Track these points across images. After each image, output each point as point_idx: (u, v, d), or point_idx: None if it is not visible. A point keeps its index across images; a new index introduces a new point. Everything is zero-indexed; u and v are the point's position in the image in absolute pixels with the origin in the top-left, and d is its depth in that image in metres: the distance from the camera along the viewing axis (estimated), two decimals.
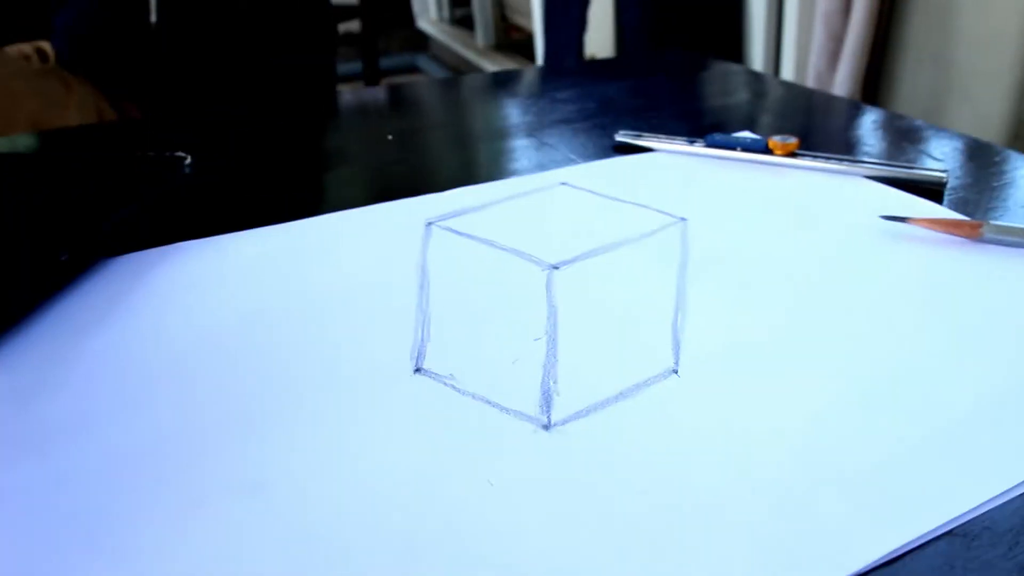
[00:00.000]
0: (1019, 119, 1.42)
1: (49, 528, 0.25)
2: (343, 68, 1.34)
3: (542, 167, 0.54)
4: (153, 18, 0.99)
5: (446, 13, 3.74)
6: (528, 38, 3.09)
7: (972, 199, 0.49)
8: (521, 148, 0.58)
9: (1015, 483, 0.27)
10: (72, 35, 1.05)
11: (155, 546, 0.25)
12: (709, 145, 0.54)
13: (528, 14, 2.93)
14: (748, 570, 0.24)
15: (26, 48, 1.13)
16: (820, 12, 1.61)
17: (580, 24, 2.13)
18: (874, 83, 1.60)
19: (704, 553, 0.24)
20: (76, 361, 0.34)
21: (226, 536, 0.25)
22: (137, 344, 0.35)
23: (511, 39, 3.35)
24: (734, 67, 0.80)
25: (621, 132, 0.57)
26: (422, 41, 3.73)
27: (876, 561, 0.24)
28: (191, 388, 0.32)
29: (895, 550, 0.24)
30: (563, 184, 0.50)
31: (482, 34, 3.37)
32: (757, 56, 1.79)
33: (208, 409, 0.31)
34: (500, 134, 0.62)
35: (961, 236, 0.43)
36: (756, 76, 0.79)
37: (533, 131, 0.61)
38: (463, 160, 0.58)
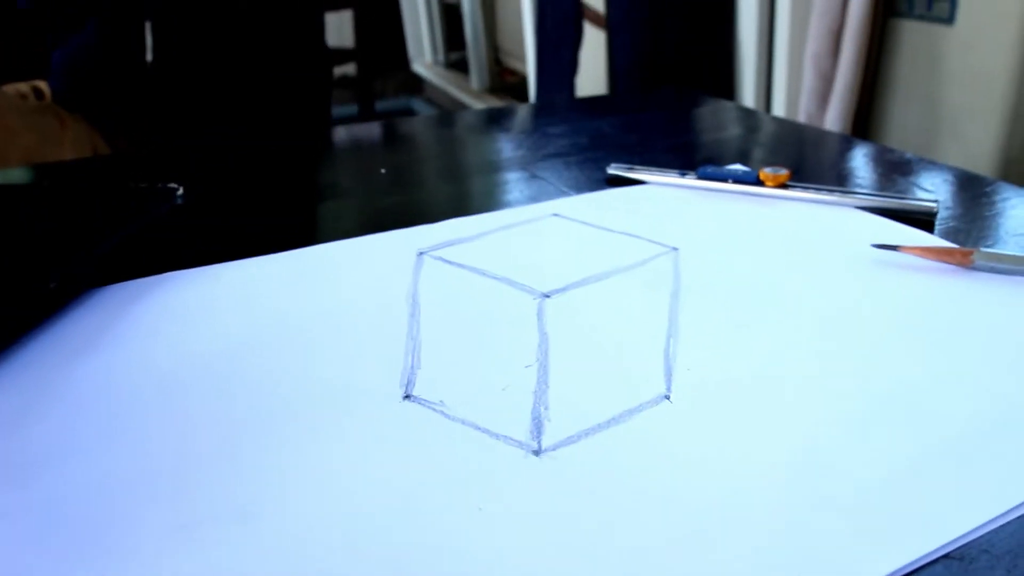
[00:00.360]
0: (1008, 157, 1.43)
1: (32, 556, 0.25)
2: (338, 111, 1.35)
3: (534, 199, 0.54)
4: (149, 57, 1.00)
5: (441, 56, 3.78)
6: (522, 81, 3.13)
7: (963, 229, 0.49)
8: (513, 181, 0.58)
9: (1012, 505, 0.26)
10: (69, 73, 1.06)
11: (141, 574, 0.24)
12: (700, 177, 0.54)
13: (522, 57, 2.97)
14: None
15: (23, 87, 1.13)
16: (809, 54, 1.63)
17: (571, 66, 2.15)
18: (864, 123, 1.62)
19: None
20: (63, 388, 0.33)
21: (215, 564, 0.24)
22: (125, 371, 0.35)
23: (505, 82, 3.38)
24: (726, 103, 0.81)
25: (613, 165, 0.57)
26: (417, 84, 3.77)
27: None
28: (179, 415, 0.32)
29: (892, 573, 0.24)
30: (555, 215, 0.50)
31: (476, 77, 3.41)
32: (748, 97, 1.81)
33: (196, 436, 0.30)
34: (492, 167, 0.62)
35: (952, 264, 0.43)
36: (748, 112, 0.80)
37: (525, 165, 0.61)
38: (455, 192, 0.58)
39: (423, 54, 3.84)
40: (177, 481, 0.28)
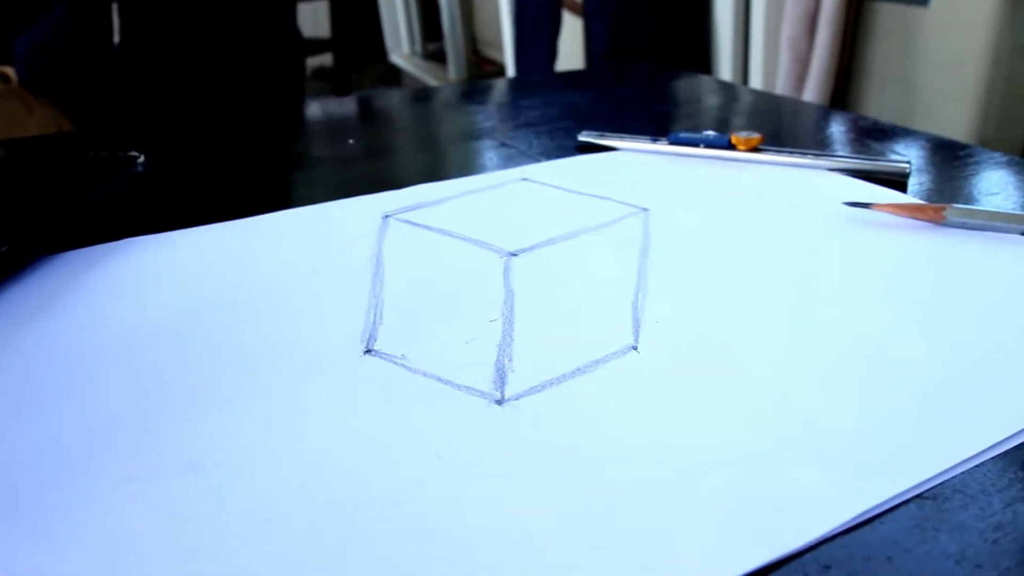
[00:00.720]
0: (982, 139, 1.44)
1: None
2: None
3: (503, 166, 0.53)
4: (116, 39, 0.98)
5: (418, 47, 3.77)
6: (500, 70, 3.11)
7: (936, 190, 0.49)
8: (483, 149, 0.57)
9: (982, 447, 0.26)
10: (35, 58, 1.03)
11: (91, 525, 0.23)
12: (672, 142, 0.54)
13: (499, 47, 2.96)
14: (715, 540, 0.22)
15: None
16: (785, 37, 1.63)
17: (550, 54, 2.14)
18: (840, 105, 1.62)
19: (667, 525, 0.23)
20: (16, 349, 0.32)
21: (167, 514, 0.23)
22: (81, 333, 0.33)
23: (483, 72, 3.37)
24: (702, 77, 0.80)
25: (584, 132, 0.56)
26: (394, 75, 3.75)
27: (845, 524, 0.23)
28: (137, 374, 0.30)
29: (864, 512, 0.23)
30: (524, 179, 0.50)
31: (454, 68, 3.39)
32: (725, 79, 1.81)
33: (152, 391, 0.29)
34: (463, 137, 0.61)
35: (925, 220, 0.42)
36: (724, 85, 0.79)
37: (495, 134, 0.60)
38: (425, 161, 0.57)
39: (400, 45, 3.82)
40: (131, 436, 0.27)
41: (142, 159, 0.48)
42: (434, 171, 0.54)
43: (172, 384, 0.30)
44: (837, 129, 0.63)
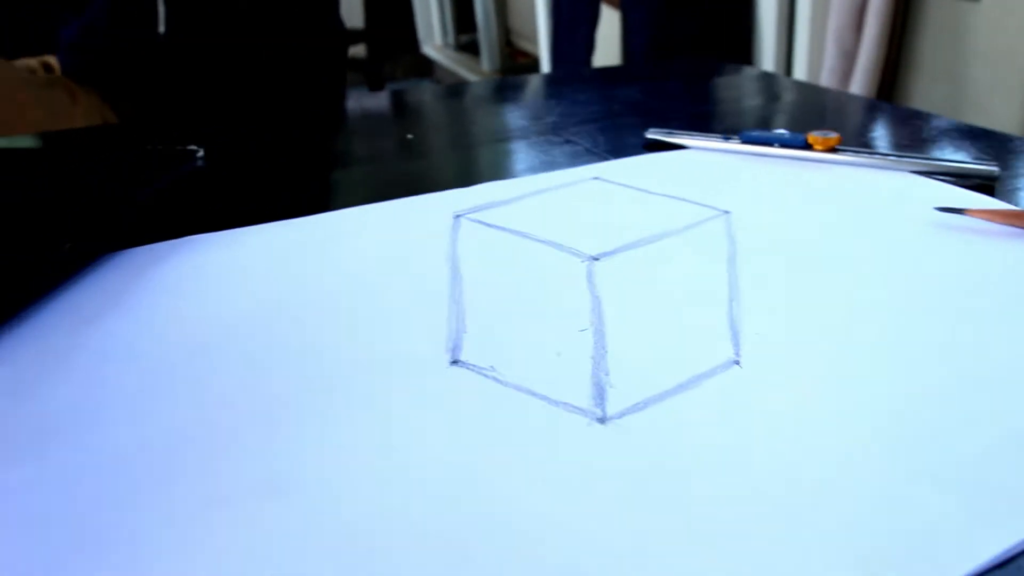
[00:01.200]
0: None
1: (50, 530, 0.22)
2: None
3: (572, 164, 0.51)
4: (161, 28, 0.97)
5: (451, 39, 3.75)
6: (534, 62, 3.09)
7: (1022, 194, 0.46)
8: (547, 146, 0.55)
9: None
10: (77, 48, 1.03)
11: (167, 550, 0.22)
12: (745, 141, 0.52)
13: (533, 39, 2.94)
14: (840, 573, 0.21)
15: (32, 62, 1.11)
16: (831, 30, 1.60)
17: (588, 46, 2.12)
18: (887, 100, 1.58)
19: (788, 558, 0.21)
20: (81, 352, 0.31)
21: (250, 540, 0.22)
22: (148, 335, 0.32)
23: (516, 64, 3.35)
24: (749, 69, 0.78)
25: (651, 129, 0.55)
26: (427, 67, 3.74)
27: (988, 562, 0.21)
28: (208, 381, 0.29)
29: (1007, 551, 0.22)
30: (596, 178, 0.48)
31: (487, 59, 3.37)
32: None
33: (228, 404, 0.28)
34: (523, 133, 0.59)
35: (1022, 227, 0.40)
36: (772, 77, 0.77)
37: (559, 130, 0.59)
38: (485, 158, 0.55)
39: (433, 36, 3.81)
40: (207, 452, 0.26)
41: (201, 153, 0.47)
42: (498, 169, 0.53)
43: (246, 395, 0.28)
44: (906, 127, 0.61)
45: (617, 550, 0.21)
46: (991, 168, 0.47)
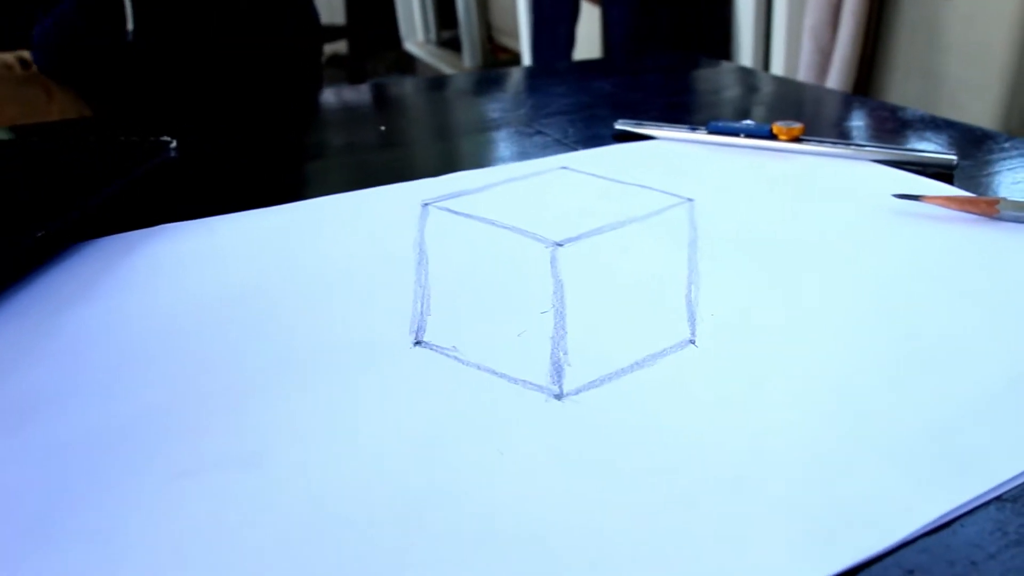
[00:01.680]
0: (1007, 130, 1.42)
1: (25, 506, 0.23)
2: None
3: (541, 155, 0.52)
4: (130, 26, 0.97)
5: (433, 35, 3.75)
6: (515, 58, 3.10)
7: (983, 183, 0.48)
8: (517, 137, 0.56)
9: None
10: (49, 44, 1.03)
11: (142, 521, 0.22)
12: (711, 132, 0.53)
13: (515, 35, 2.94)
14: (791, 543, 0.22)
15: (8, 58, 1.11)
16: (808, 26, 1.61)
17: (568, 41, 2.13)
18: (863, 95, 1.60)
19: (738, 527, 0.22)
20: (57, 334, 0.32)
21: (220, 510, 0.23)
22: (123, 318, 0.33)
23: (498, 60, 3.35)
24: (725, 64, 0.79)
25: (620, 120, 0.55)
26: (409, 63, 3.73)
27: (927, 526, 0.22)
28: (182, 362, 0.30)
29: (945, 514, 0.22)
30: (563, 168, 0.49)
31: (469, 55, 3.38)
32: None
33: (199, 384, 0.28)
34: (494, 124, 0.60)
35: (977, 214, 0.41)
36: (749, 72, 0.78)
37: (530, 122, 0.59)
38: (457, 149, 0.56)
39: (415, 33, 3.81)
40: (180, 427, 0.26)
41: (175, 144, 0.48)
42: (469, 159, 0.53)
43: (218, 375, 0.29)
44: (872, 119, 0.62)
45: (573, 521, 0.22)
46: (949, 157, 0.48)
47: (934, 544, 0.22)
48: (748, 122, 0.53)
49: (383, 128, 0.59)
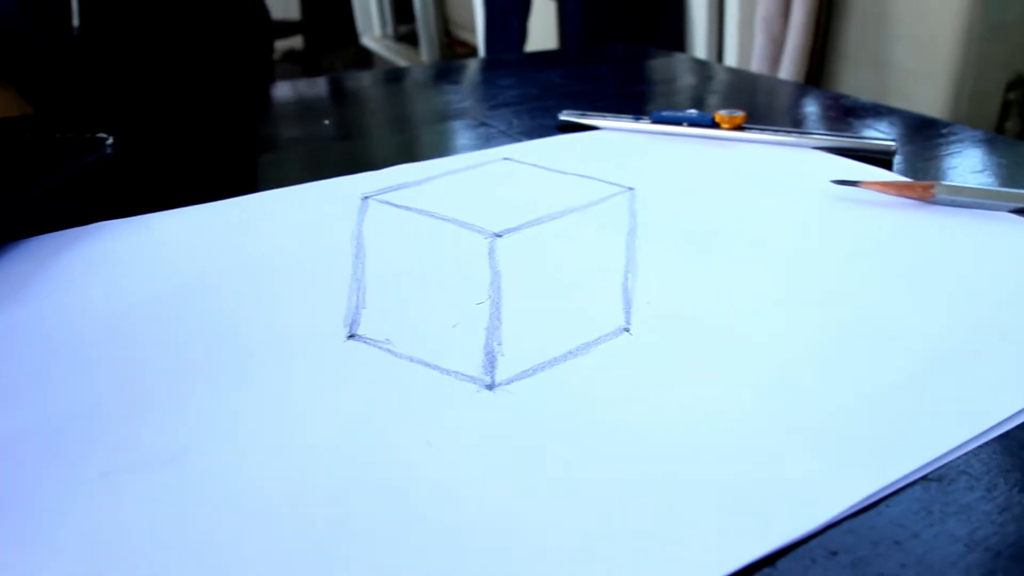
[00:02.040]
0: (955, 118, 1.44)
1: None
2: None
3: (483, 146, 0.52)
4: (75, 22, 0.95)
5: (390, 30, 3.72)
6: (472, 52, 3.09)
7: (921, 168, 0.48)
8: (462, 129, 0.56)
9: (984, 428, 0.25)
10: None
11: (71, 520, 0.22)
12: (655, 121, 0.53)
13: (472, 28, 2.93)
14: (718, 527, 0.22)
15: None
16: (760, 17, 1.62)
17: (521, 35, 2.13)
18: (815, 85, 1.62)
19: (667, 512, 0.22)
20: None
21: (151, 507, 0.22)
22: (51, 319, 0.32)
23: (455, 54, 3.34)
24: (678, 55, 0.79)
25: (564, 111, 0.55)
26: (366, 58, 3.71)
27: (850, 508, 0.22)
28: (111, 361, 0.29)
29: (869, 496, 0.23)
30: (506, 159, 0.48)
31: (426, 50, 3.36)
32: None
33: (130, 380, 0.28)
34: (439, 117, 0.60)
35: (913, 198, 0.42)
36: (701, 63, 0.78)
37: (474, 114, 0.59)
38: (401, 142, 0.55)
39: (372, 27, 3.78)
40: (110, 426, 0.26)
41: (111, 141, 0.47)
42: (412, 152, 0.53)
43: (150, 372, 0.28)
44: (818, 107, 0.63)
45: (500, 511, 0.22)
46: (889, 143, 0.49)
47: (859, 525, 0.22)
48: (691, 111, 0.53)
49: (326, 122, 0.58)
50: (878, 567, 0.21)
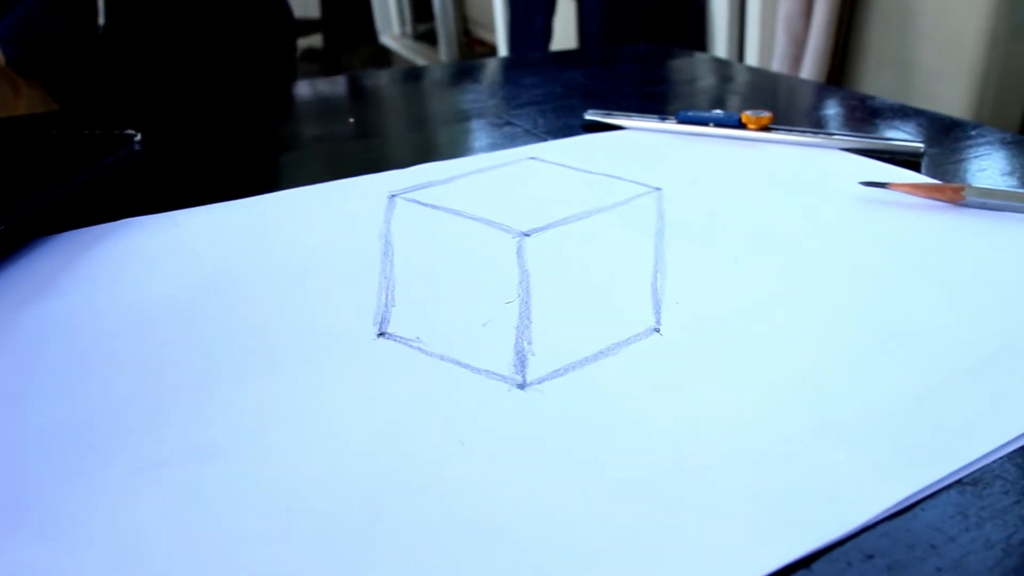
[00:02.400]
0: (979, 119, 1.43)
1: None
2: None
3: (510, 146, 0.52)
4: (101, 21, 0.96)
5: (409, 28, 3.73)
6: (491, 51, 3.09)
7: (950, 170, 0.48)
8: (486, 128, 0.56)
9: (1019, 432, 0.25)
10: (17, 39, 1.01)
11: (101, 517, 0.22)
12: (681, 121, 0.53)
13: (491, 27, 2.93)
14: (754, 528, 0.21)
15: None
16: (782, 16, 1.61)
17: (545, 34, 2.12)
18: (836, 85, 1.61)
19: (702, 513, 0.22)
20: (13, 333, 0.31)
21: (180, 504, 0.22)
22: (83, 314, 0.32)
23: (474, 53, 3.34)
24: (699, 55, 0.79)
25: (590, 111, 0.55)
26: (385, 57, 3.71)
27: (886, 511, 0.22)
28: (143, 356, 0.29)
29: (905, 499, 0.22)
30: (532, 158, 0.48)
31: (445, 49, 3.36)
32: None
33: (160, 376, 0.28)
34: (464, 116, 0.60)
35: (942, 200, 0.41)
36: (722, 63, 0.78)
37: (499, 113, 0.59)
38: (426, 140, 0.56)
39: (391, 26, 3.78)
40: (140, 422, 0.26)
41: (139, 138, 0.47)
42: (436, 151, 0.53)
43: (180, 368, 0.29)
44: (843, 108, 0.62)
45: (533, 510, 0.22)
46: (916, 145, 0.48)
47: (894, 528, 0.22)
48: (717, 112, 0.53)
49: (351, 120, 0.58)
50: (914, 571, 0.21)
